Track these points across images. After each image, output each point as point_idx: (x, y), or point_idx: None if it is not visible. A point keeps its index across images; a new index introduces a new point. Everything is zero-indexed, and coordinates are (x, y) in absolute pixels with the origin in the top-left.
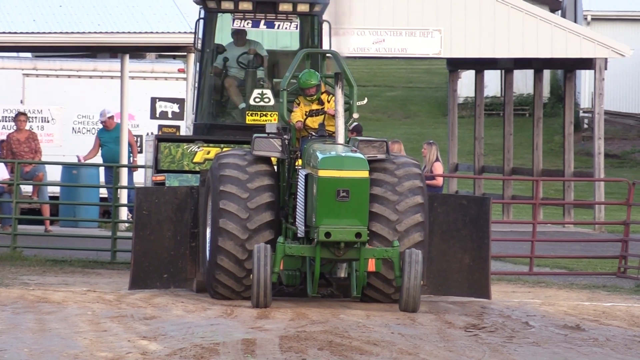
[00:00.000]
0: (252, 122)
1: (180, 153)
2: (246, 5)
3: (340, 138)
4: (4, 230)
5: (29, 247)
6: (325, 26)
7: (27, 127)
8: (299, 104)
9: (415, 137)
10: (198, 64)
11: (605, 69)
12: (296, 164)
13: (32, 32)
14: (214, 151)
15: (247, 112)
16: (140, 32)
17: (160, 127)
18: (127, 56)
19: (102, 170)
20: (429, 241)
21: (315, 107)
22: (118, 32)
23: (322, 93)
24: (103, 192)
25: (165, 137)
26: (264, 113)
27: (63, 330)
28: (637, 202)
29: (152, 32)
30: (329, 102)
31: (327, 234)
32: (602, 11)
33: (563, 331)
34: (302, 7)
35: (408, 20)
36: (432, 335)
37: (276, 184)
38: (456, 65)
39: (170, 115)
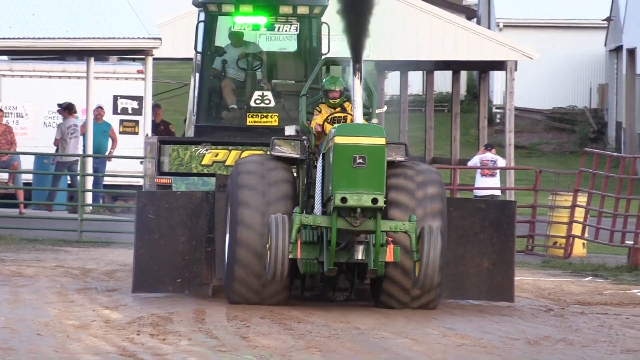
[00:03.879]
0: (253, 124)
1: (189, 155)
2: (247, 8)
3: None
4: None
5: (5, 228)
6: (324, 28)
7: (3, 122)
8: (320, 112)
9: None
10: (198, 66)
11: (515, 70)
12: (314, 165)
13: (9, 38)
14: (222, 153)
15: (247, 114)
16: (103, 38)
17: (122, 121)
18: (92, 59)
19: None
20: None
21: (337, 114)
22: (84, 38)
23: (345, 100)
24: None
25: (168, 140)
26: (265, 114)
27: (35, 301)
28: (543, 188)
29: (114, 38)
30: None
31: (344, 199)
32: (512, 19)
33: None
34: (302, 10)
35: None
36: (367, 305)
37: (294, 191)
38: (384, 66)
39: (130, 111)
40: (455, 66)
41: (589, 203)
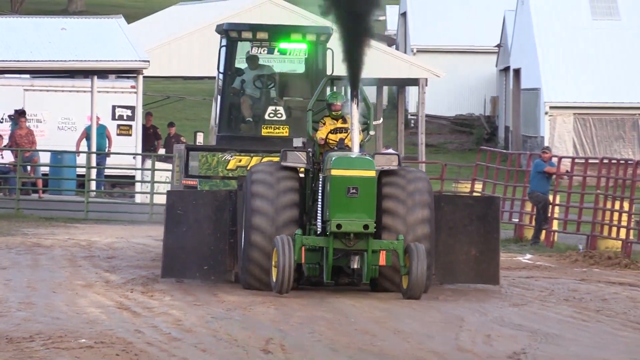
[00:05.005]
0: (267, 134)
1: (216, 161)
2: (263, 35)
3: (355, 148)
4: (10, 197)
5: (28, 209)
6: (329, 53)
7: (26, 126)
8: (324, 124)
9: None
10: (220, 84)
11: (426, 85)
12: (319, 174)
13: (31, 60)
14: (244, 159)
15: (262, 126)
16: (104, 60)
17: (118, 125)
18: (95, 77)
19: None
20: (437, 237)
21: (339, 125)
22: (89, 60)
23: (346, 113)
24: (80, 171)
25: (194, 147)
26: (277, 126)
27: (51, 266)
28: (448, 178)
29: (112, 60)
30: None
31: (339, 226)
32: (424, 45)
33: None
34: (310, 37)
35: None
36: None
37: (301, 189)
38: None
39: (125, 118)
40: (379, 82)
41: (484, 189)
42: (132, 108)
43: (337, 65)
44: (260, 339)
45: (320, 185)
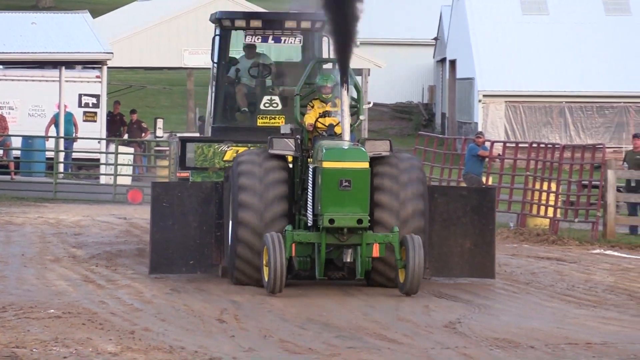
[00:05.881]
0: (263, 124)
1: (212, 152)
2: (256, 23)
3: (346, 135)
4: None
5: (0, 189)
6: (324, 40)
7: None
8: (312, 107)
9: None
10: (215, 74)
11: (369, 75)
12: (308, 161)
13: (3, 52)
14: (242, 150)
15: (257, 116)
16: (71, 52)
17: (85, 112)
18: (63, 67)
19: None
20: (430, 229)
21: (328, 108)
22: (57, 52)
23: (336, 97)
24: (49, 154)
25: (188, 138)
26: (273, 116)
27: (22, 242)
28: None
29: (79, 52)
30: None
31: (331, 220)
32: (368, 38)
33: None
34: (305, 24)
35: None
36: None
37: (290, 179)
38: None
39: (90, 105)
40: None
41: None
42: (97, 96)
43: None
44: (216, 309)
45: (310, 175)
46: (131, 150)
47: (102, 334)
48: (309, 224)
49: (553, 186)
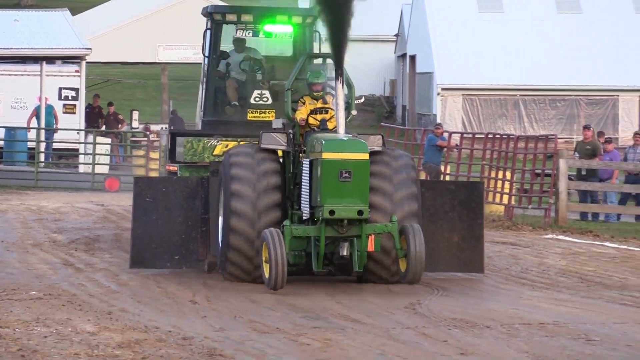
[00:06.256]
0: (253, 119)
1: (202, 147)
2: (247, 17)
3: (341, 129)
4: None
5: None
6: (315, 35)
7: None
8: (304, 103)
9: None
10: (205, 68)
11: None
12: (300, 156)
13: None
14: (231, 144)
15: (248, 110)
16: (52, 48)
17: (64, 105)
18: (44, 62)
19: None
20: None
21: (319, 105)
22: (39, 48)
23: (326, 93)
24: (31, 145)
25: (178, 132)
26: (263, 110)
27: (5, 227)
28: None
29: (59, 48)
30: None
31: (332, 212)
32: None
33: None
34: (296, 19)
35: None
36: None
37: (282, 173)
38: None
39: (70, 98)
40: None
41: None
42: (76, 90)
43: (324, 47)
44: (189, 291)
45: (304, 169)
46: (108, 140)
47: (81, 314)
48: (304, 218)
49: (508, 175)
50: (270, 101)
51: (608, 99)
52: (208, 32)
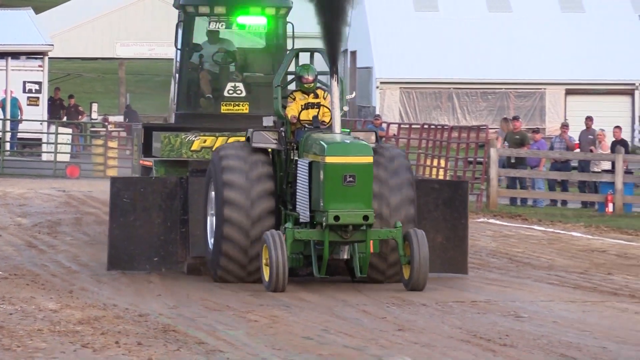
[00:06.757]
0: (227, 112)
1: (179, 142)
2: (220, 9)
3: (337, 128)
4: None
5: None
6: (289, 27)
7: None
8: (294, 99)
9: None
10: (178, 60)
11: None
12: (291, 154)
13: None
14: (209, 140)
15: (221, 103)
16: (16, 44)
17: (28, 97)
18: (9, 57)
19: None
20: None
21: (311, 100)
22: (4, 44)
23: (317, 87)
24: None
25: (152, 126)
26: (237, 103)
27: None
28: None
29: (23, 44)
30: (324, 98)
31: (336, 217)
32: None
33: None
34: (269, 11)
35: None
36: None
37: (274, 174)
38: None
39: (33, 91)
40: None
41: None
42: (39, 83)
43: (298, 41)
44: (145, 272)
45: (300, 170)
46: (69, 131)
47: (44, 293)
48: (302, 220)
49: (442, 163)
50: (243, 94)
51: (536, 92)
52: (180, 24)
